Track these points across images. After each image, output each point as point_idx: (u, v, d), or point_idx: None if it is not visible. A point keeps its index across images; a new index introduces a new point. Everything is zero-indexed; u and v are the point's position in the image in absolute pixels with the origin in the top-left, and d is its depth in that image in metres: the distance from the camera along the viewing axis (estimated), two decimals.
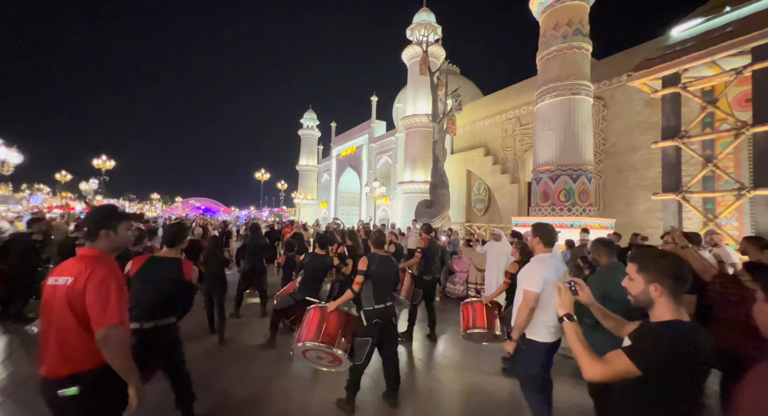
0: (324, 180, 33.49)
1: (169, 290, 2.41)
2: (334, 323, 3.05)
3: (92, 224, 1.70)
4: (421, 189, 17.07)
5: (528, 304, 2.37)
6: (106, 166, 30.09)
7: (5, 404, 3.12)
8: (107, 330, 1.52)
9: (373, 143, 23.83)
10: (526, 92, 14.59)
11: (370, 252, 3.17)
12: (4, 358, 4.01)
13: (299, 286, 4.34)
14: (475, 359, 4.47)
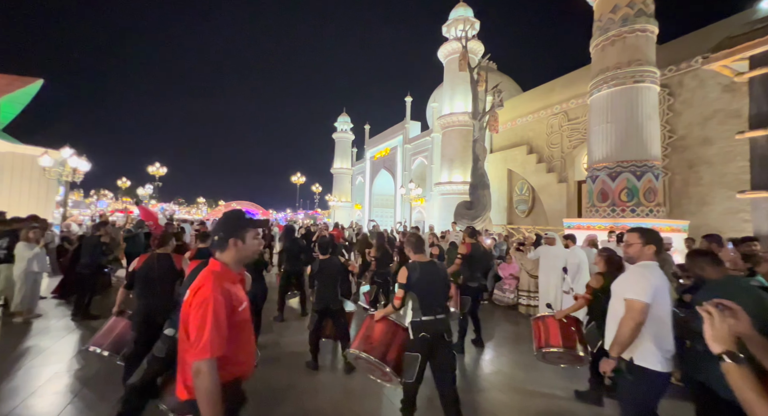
0: (358, 182, 33.74)
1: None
2: (379, 333, 2.84)
3: (223, 232, 1.55)
4: (459, 190, 16.50)
5: (634, 317, 1.97)
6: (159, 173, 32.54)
7: (82, 392, 3.31)
8: (198, 365, 1.32)
9: (408, 144, 23.54)
10: (574, 84, 13.56)
11: (410, 262, 2.84)
12: (77, 352, 4.25)
13: (317, 297, 4.05)
14: (538, 378, 4.01)
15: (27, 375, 3.58)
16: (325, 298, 3.98)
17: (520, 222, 15.87)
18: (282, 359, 4.23)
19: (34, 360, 3.96)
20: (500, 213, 16.61)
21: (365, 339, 2.84)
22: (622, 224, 7.84)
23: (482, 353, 4.75)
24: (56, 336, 4.71)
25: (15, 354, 4.12)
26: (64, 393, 3.30)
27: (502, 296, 7.17)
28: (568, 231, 9.03)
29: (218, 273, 1.48)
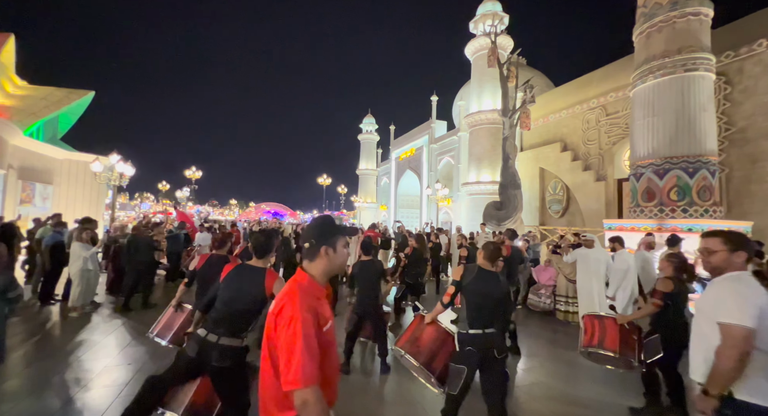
0: (383, 183, 33.78)
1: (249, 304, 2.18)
2: (428, 339, 2.72)
3: (315, 239, 1.39)
4: (487, 190, 16.03)
5: (738, 346, 1.59)
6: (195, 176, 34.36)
7: (130, 385, 3.47)
8: (302, 396, 1.13)
9: (434, 144, 23.23)
10: (613, 77, 12.73)
11: (475, 264, 2.71)
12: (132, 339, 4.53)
13: (357, 299, 4.02)
14: (580, 388, 3.73)
15: (79, 368, 3.82)
16: (366, 301, 3.94)
17: (553, 222, 15.14)
18: None
19: (86, 354, 4.23)
20: (532, 214, 15.94)
21: (413, 341, 2.75)
22: (671, 225, 7.22)
23: (518, 361, 4.51)
24: (106, 331, 5.01)
25: (69, 347, 4.42)
26: (113, 386, 3.47)
27: (538, 301, 6.81)
28: (608, 233, 8.46)
29: (304, 288, 1.30)
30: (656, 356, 2.92)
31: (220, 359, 2.04)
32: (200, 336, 2.06)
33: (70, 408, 3.04)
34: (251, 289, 2.18)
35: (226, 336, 2.09)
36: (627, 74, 11.10)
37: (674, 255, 3.33)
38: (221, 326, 2.10)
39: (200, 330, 2.09)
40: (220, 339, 2.07)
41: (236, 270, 2.27)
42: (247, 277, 2.22)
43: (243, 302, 2.16)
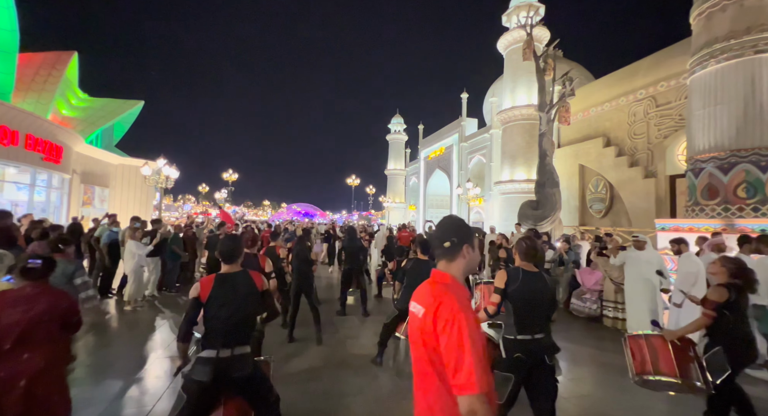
0: (412, 183, 33.57)
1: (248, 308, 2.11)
2: None
3: (456, 237, 1.30)
4: (522, 188, 15.39)
5: None
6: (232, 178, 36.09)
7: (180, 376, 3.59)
8: (469, 402, 1.03)
9: (464, 142, 22.71)
10: (664, 64, 11.72)
11: (514, 267, 2.53)
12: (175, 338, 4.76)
13: (403, 296, 4.01)
14: (632, 404, 3.41)
15: (133, 358, 4.08)
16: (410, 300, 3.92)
17: (594, 222, 14.22)
18: (350, 361, 4.23)
19: (139, 345, 4.52)
20: (571, 214, 15.08)
21: None
22: (740, 225, 6.48)
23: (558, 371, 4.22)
24: (157, 324, 5.34)
25: (124, 338, 4.75)
26: (164, 377, 3.67)
27: (582, 306, 6.38)
28: (661, 234, 7.77)
29: (453, 287, 1.22)
30: (725, 374, 2.56)
31: (241, 369, 2.01)
32: (210, 358, 1.95)
33: (125, 397, 3.23)
34: (245, 291, 2.11)
35: (238, 345, 2.04)
36: (681, 61, 10.16)
37: (730, 258, 2.93)
38: (229, 338, 2.01)
39: (206, 353, 1.97)
40: (234, 351, 2.02)
41: (217, 284, 2.06)
42: (232, 283, 2.10)
43: (244, 308, 2.09)
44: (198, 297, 2.03)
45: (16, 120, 11.38)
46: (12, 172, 12.55)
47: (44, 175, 13.51)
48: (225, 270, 2.16)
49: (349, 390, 3.50)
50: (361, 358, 4.25)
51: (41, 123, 12.68)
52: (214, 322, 2.02)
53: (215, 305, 2.02)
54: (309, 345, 4.64)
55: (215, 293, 2.03)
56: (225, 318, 2.01)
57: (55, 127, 13.59)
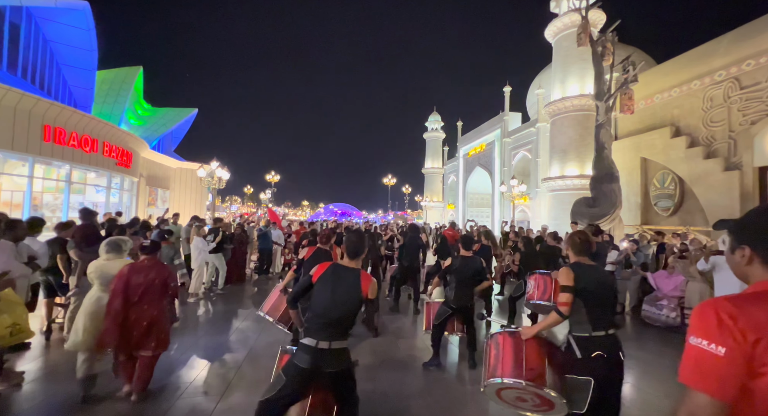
0: (450, 181, 32.86)
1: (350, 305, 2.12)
2: (536, 354, 2.31)
3: None
4: (574, 185, 14.34)
5: None
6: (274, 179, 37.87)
7: (243, 366, 3.73)
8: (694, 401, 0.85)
9: (507, 138, 21.72)
10: (750, 40, 10.24)
11: (573, 262, 2.36)
12: (243, 320, 4.98)
13: (455, 294, 3.89)
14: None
15: (202, 346, 4.31)
16: (464, 297, 3.89)
17: (660, 221, 12.84)
18: (405, 362, 4.12)
19: (205, 333, 4.77)
20: (631, 212, 13.76)
21: (515, 363, 2.29)
22: None
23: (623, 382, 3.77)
24: (220, 313, 5.64)
25: (191, 327, 5.05)
26: (232, 363, 3.82)
27: (658, 314, 5.71)
28: None
29: None
30: None
31: (336, 364, 2.01)
32: (310, 346, 1.98)
33: (197, 382, 3.39)
34: (349, 291, 2.11)
35: (336, 340, 2.04)
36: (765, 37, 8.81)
37: None
38: (329, 331, 2.03)
39: (307, 340, 2.00)
40: (332, 344, 2.02)
41: (332, 271, 2.16)
42: (343, 279, 2.12)
43: (344, 306, 2.09)
44: (311, 275, 2.15)
45: (95, 129, 12.78)
46: (92, 176, 14.12)
47: (117, 178, 15.04)
48: (344, 263, 2.22)
49: (408, 393, 3.39)
50: (417, 360, 4.12)
51: (115, 131, 14.12)
52: (316, 310, 2.07)
53: (322, 290, 2.09)
54: (360, 343, 4.60)
55: (325, 278, 2.11)
56: (323, 310, 2.05)
57: (127, 134, 15.08)
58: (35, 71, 14.62)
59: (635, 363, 4.21)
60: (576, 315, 2.23)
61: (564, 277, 2.24)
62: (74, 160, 12.06)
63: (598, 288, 2.22)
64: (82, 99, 17.00)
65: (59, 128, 11.26)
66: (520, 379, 2.22)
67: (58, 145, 11.28)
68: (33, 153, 10.66)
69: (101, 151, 13.06)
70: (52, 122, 11.06)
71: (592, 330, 2.16)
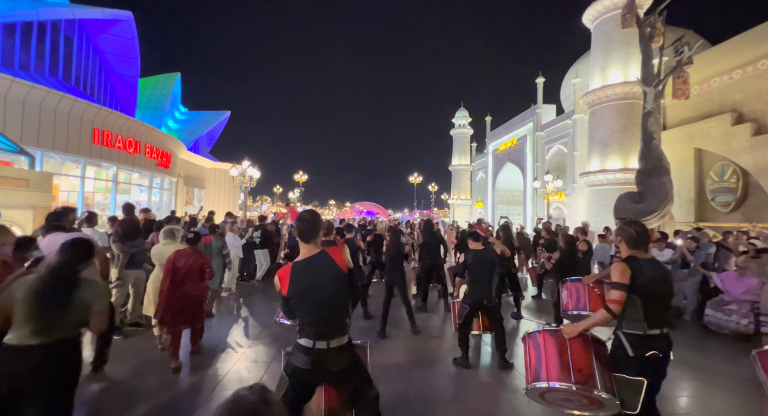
0: (479, 178, 31.94)
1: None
2: (583, 354, 2.11)
3: None
4: (616, 179, 13.36)
5: None
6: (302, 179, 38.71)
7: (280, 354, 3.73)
8: None
9: (540, 131, 20.69)
10: None
11: (628, 257, 2.11)
12: (267, 326, 5.01)
13: (470, 289, 3.77)
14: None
15: (231, 342, 4.32)
16: (480, 291, 3.73)
17: (719, 218, 11.63)
18: (438, 364, 3.91)
19: (236, 330, 4.82)
20: (683, 207, 12.60)
21: (562, 365, 2.11)
22: None
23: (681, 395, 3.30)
24: (251, 310, 5.71)
25: (222, 323, 5.12)
26: (260, 362, 3.79)
27: (726, 320, 5.06)
28: None
29: None
30: None
31: (337, 363, 1.83)
32: (307, 347, 1.80)
33: (227, 379, 3.38)
34: (329, 276, 1.84)
35: (334, 337, 1.83)
36: None
37: None
38: (324, 329, 1.83)
39: (303, 341, 1.81)
40: (330, 343, 1.81)
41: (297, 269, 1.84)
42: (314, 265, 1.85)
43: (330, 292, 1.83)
44: (279, 291, 1.86)
45: (138, 132, 13.57)
46: (136, 176, 15.03)
47: (158, 178, 15.91)
48: (303, 254, 1.88)
49: (444, 396, 3.19)
50: (449, 361, 3.90)
51: (156, 134, 14.93)
52: (302, 310, 1.84)
53: (299, 289, 1.81)
54: (391, 342, 4.45)
55: (295, 277, 1.82)
56: (309, 307, 1.81)
57: (166, 136, 15.91)
58: (86, 80, 15.79)
59: (700, 373, 3.76)
60: (630, 312, 2.05)
61: (618, 274, 2.05)
62: (120, 161, 12.87)
63: (656, 285, 2.04)
64: (127, 104, 18.17)
65: (107, 131, 12.04)
66: (570, 383, 2.05)
67: (105, 147, 12.07)
68: (84, 155, 11.48)
69: (143, 153, 13.85)
70: (101, 126, 11.85)
71: (648, 329, 2.02)
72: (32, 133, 9.97)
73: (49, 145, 10.44)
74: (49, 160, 11.18)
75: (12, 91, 9.49)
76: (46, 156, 10.80)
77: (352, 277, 1.90)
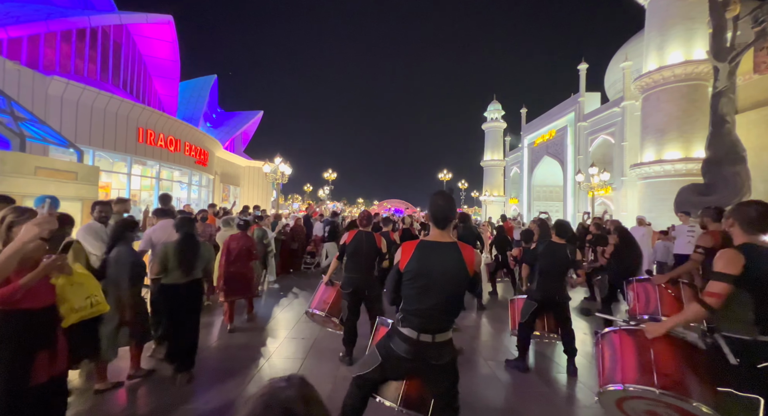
0: (513, 173, 30.54)
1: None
2: (671, 356, 1.79)
3: None
4: (675, 170, 12.02)
5: None
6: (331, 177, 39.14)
7: (312, 351, 3.51)
8: None
9: (583, 121, 19.25)
10: None
11: (743, 244, 1.77)
12: (298, 320, 4.82)
13: (537, 285, 3.37)
14: None
15: (263, 340, 4.15)
16: (550, 287, 3.32)
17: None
18: (481, 364, 3.49)
19: (267, 326, 4.67)
20: None
21: (641, 366, 1.83)
22: None
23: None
24: (282, 307, 5.57)
25: (256, 320, 5.00)
26: (293, 358, 3.58)
27: None
28: None
29: None
30: None
31: (438, 357, 1.73)
32: (411, 338, 1.73)
33: (258, 377, 3.18)
34: (451, 269, 1.71)
35: (440, 332, 1.73)
36: None
37: None
38: (432, 322, 1.72)
39: (406, 331, 1.74)
40: (435, 338, 1.72)
41: (424, 247, 1.75)
42: (439, 253, 1.74)
43: (448, 285, 1.71)
44: (398, 263, 1.80)
45: (178, 131, 14.15)
46: (177, 174, 15.73)
47: (197, 176, 16.57)
48: (433, 238, 1.80)
49: (496, 405, 2.78)
50: (500, 368, 3.46)
51: (194, 132, 15.53)
52: (413, 296, 1.75)
53: (413, 271, 1.73)
54: None
55: (418, 256, 1.75)
56: (423, 295, 1.72)
57: (203, 134, 16.51)
58: (132, 82, 16.78)
59: None
60: (735, 311, 1.70)
61: (728, 262, 1.70)
62: (162, 159, 13.48)
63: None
64: (169, 105, 19.13)
65: (150, 130, 12.63)
66: (651, 386, 1.73)
67: (149, 145, 12.67)
68: (130, 152, 12.10)
69: (183, 150, 14.43)
70: (145, 124, 12.44)
71: (759, 334, 1.65)
72: (85, 132, 10.63)
73: (99, 143, 11.09)
74: (101, 159, 11.90)
75: (67, 93, 10.15)
76: (98, 155, 11.50)
77: (475, 283, 1.79)
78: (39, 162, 5.07)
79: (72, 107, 10.32)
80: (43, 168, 5.19)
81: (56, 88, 9.90)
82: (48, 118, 9.08)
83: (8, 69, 8.91)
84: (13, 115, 5.13)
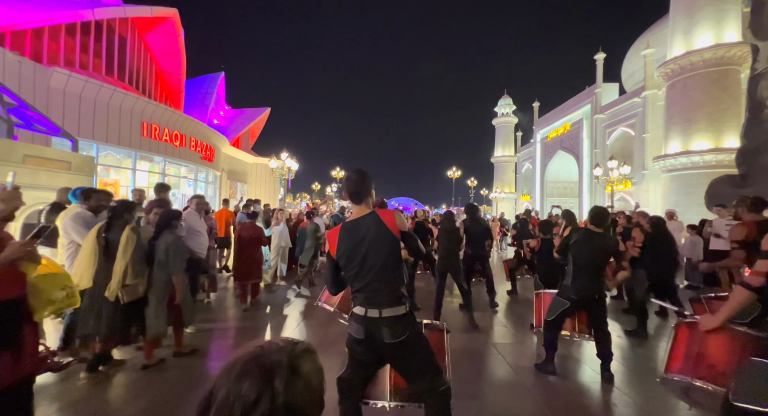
0: (525, 169, 29.78)
1: None
2: (724, 350, 1.73)
3: None
4: (704, 162, 11.30)
5: None
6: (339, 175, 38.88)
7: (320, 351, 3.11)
8: None
9: (600, 114, 18.47)
10: None
11: None
12: (305, 312, 4.45)
13: (571, 281, 2.94)
14: None
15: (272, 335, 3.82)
16: (588, 284, 2.88)
17: None
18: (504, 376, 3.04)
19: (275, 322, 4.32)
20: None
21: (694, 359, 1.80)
22: None
23: None
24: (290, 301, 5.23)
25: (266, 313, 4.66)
26: None
27: None
28: None
29: None
30: None
31: (391, 335, 1.63)
32: (359, 315, 1.70)
33: None
34: (376, 236, 1.67)
35: (387, 306, 1.66)
36: None
37: None
38: (373, 296, 1.68)
39: (356, 309, 1.72)
40: (382, 312, 1.65)
41: (347, 229, 1.75)
42: (362, 227, 1.71)
43: (380, 256, 1.66)
44: (328, 251, 1.77)
45: (184, 126, 13.94)
46: (184, 170, 15.57)
47: (203, 172, 16.38)
48: (353, 215, 1.77)
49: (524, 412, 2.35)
50: (524, 371, 3.02)
51: (200, 127, 15.32)
52: (350, 274, 1.73)
53: (344, 255, 1.71)
54: None
55: (343, 237, 1.73)
56: (356, 270, 1.70)
57: (209, 129, 16.30)
58: (138, 77, 16.67)
59: None
60: None
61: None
62: (167, 154, 13.28)
63: None
64: (173, 99, 19.00)
65: (155, 124, 12.43)
66: (709, 382, 1.70)
67: (154, 139, 12.47)
68: (135, 147, 11.91)
69: (188, 146, 14.23)
70: (149, 119, 12.24)
71: None
72: (88, 125, 10.45)
73: (103, 137, 10.91)
74: (108, 155, 11.74)
75: (69, 86, 9.96)
76: (106, 151, 11.34)
77: (407, 239, 1.76)
78: (28, 150, 4.77)
79: (75, 100, 10.14)
80: (32, 156, 4.87)
81: (58, 80, 9.71)
82: (50, 112, 8.89)
83: (8, 60, 8.74)
84: (1, 100, 4.84)
